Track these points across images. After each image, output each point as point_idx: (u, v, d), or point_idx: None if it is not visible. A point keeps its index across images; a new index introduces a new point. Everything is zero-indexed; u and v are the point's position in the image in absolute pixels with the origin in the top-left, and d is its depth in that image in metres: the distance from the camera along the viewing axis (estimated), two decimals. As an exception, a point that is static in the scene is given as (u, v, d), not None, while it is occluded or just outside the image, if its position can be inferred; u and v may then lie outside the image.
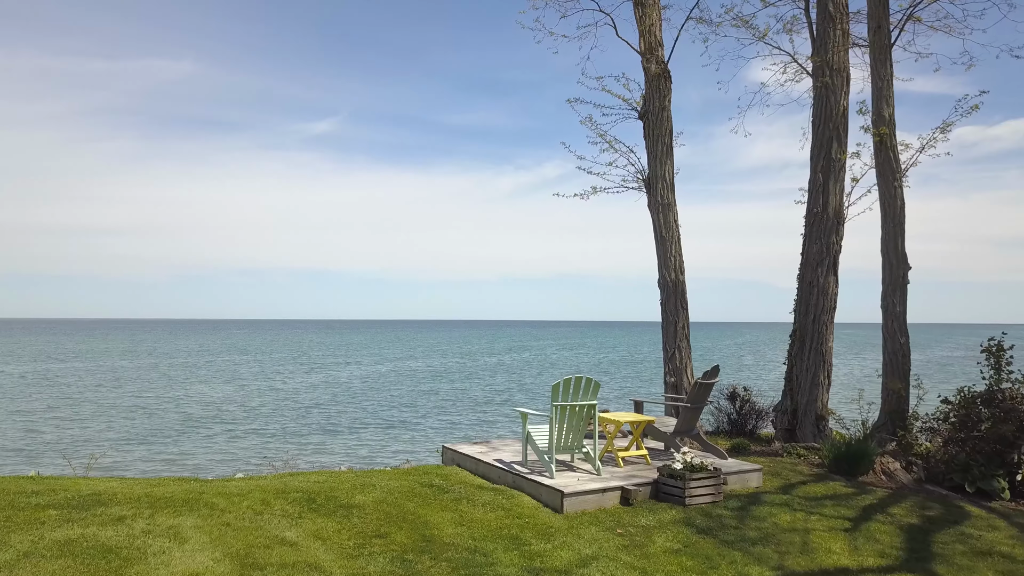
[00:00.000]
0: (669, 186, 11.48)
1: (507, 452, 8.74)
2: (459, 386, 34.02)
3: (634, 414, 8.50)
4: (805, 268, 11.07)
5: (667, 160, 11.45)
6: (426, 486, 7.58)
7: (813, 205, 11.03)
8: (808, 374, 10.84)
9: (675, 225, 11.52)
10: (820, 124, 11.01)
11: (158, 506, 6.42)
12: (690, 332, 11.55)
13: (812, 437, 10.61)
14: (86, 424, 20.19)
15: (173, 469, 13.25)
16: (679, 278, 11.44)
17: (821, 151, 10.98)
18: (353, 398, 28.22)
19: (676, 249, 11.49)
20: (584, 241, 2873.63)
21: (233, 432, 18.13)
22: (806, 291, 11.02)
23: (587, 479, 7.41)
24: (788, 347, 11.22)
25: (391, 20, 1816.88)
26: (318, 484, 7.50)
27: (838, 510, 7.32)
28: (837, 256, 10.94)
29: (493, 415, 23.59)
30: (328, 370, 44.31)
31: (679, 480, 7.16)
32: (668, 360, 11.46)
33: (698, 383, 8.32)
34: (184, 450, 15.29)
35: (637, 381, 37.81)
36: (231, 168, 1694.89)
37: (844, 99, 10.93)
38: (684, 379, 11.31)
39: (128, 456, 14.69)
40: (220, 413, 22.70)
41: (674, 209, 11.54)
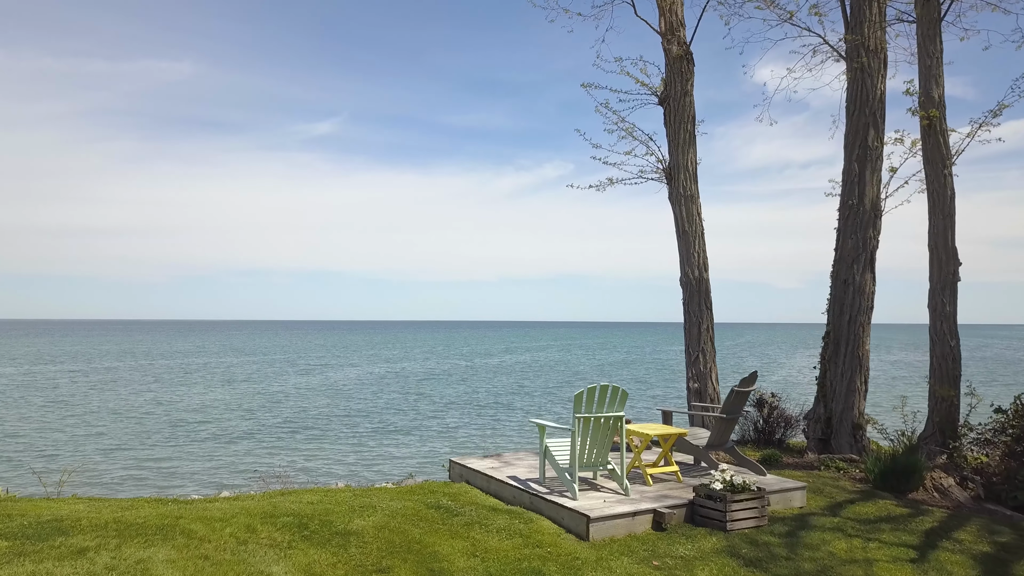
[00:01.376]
0: (692, 176, 10.67)
1: (521, 467, 7.91)
2: (459, 389, 33.19)
3: (663, 426, 7.68)
4: (839, 265, 10.26)
5: (689, 148, 10.64)
6: (433, 507, 6.75)
7: (848, 197, 10.21)
8: (843, 379, 10.02)
9: (698, 218, 10.71)
10: (855, 110, 10.19)
11: (127, 535, 5.59)
12: (715, 334, 10.73)
13: (849, 448, 9.80)
14: (68, 430, 19.35)
15: (153, 484, 12.31)
16: (703, 275, 10.63)
17: (856, 139, 10.16)
18: (350, 402, 27.39)
19: (700, 244, 10.67)
20: (584, 242, 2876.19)
21: (222, 440, 17.26)
22: (840, 289, 10.20)
23: (614, 500, 6.59)
24: (821, 350, 10.40)
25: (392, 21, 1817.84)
26: (311, 506, 6.67)
27: (898, 535, 6.49)
28: (874, 252, 10.13)
29: (496, 420, 22.77)
30: (325, 372, 43.48)
31: (719, 502, 6.33)
32: (691, 364, 10.64)
33: (734, 391, 7.50)
34: (168, 461, 14.39)
35: (638, 383, 36.99)
36: (231, 169, 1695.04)
37: (881, 82, 10.11)
38: (708, 385, 10.50)
39: (106, 467, 13.79)
40: (210, 418, 21.86)
41: (697, 201, 10.73)
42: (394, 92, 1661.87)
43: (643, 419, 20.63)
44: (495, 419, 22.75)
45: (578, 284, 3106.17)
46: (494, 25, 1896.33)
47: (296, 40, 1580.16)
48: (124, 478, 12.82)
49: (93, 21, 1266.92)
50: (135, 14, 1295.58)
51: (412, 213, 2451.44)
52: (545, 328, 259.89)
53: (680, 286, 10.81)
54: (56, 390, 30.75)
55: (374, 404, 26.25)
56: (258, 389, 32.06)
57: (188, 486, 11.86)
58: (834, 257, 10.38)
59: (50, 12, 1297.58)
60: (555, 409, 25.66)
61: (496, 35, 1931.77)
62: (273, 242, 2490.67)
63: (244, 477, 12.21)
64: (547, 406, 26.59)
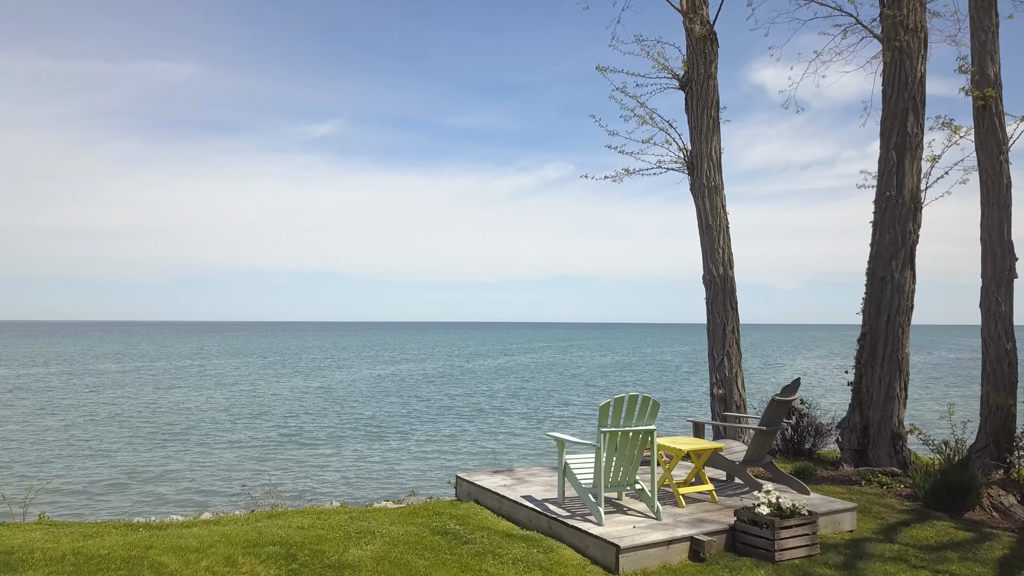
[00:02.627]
0: (716, 166, 9.90)
1: (537, 485, 7.12)
2: (458, 392, 32.39)
3: (695, 440, 6.90)
4: (876, 262, 9.49)
5: (713, 136, 9.87)
6: (439, 533, 5.97)
7: (885, 188, 9.44)
8: (881, 385, 9.25)
9: (723, 211, 9.94)
10: (893, 94, 9.43)
11: (86, 570, 4.82)
12: (740, 336, 9.96)
13: (888, 460, 9.02)
14: (49, 438, 18.53)
15: (129, 500, 11.35)
16: (728, 273, 9.85)
17: (895, 125, 9.40)
18: (346, 407, 26.59)
19: (724, 239, 9.90)
20: (584, 243, 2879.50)
21: (210, 448, 16.40)
22: (877, 288, 9.43)
23: (645, 526, 5.81)
24: (856, 353, 9.63)
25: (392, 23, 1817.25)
26: (302, 532, 5.88)
27: (969, 566, 5.71)
28: (914, 247, 9.37)
29: (497, 426, 21.98)
30: (322, 375, 42.66)
31: (766, 528, 5.55)
32: (715, 369, 9.86)
33: (775, 400, 6.72)
34: (149, 473, 13.49)
35: (639, 388, 36.20)
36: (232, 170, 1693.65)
37: (922, 64, 9.35)
38: (734, 391, 9.72)
39: (81, 480, 12.87)
40: (199, 424, 21.03)
41: (722, 193, 9.96)
42: (395, 93, 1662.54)
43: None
44: (496, 425, 21.96)
45: (578, 285, 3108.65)
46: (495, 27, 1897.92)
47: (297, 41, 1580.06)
48: (98, 493, 11.93)
49: (94, 23, 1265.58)
50: (137, 16, 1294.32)
51: (412, 214, 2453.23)
52: (545, 329, 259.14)
53: (703, 284, 10.04)
54: (45, 394, 29.93)
55: (371, 409, 25.45)
56: (251, 393, 31.25)
57: (167, 504, 11.02)
58: (870, 253, 9.62)
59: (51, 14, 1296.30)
60: (555, 412, 24.87)
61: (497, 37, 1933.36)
62: (273, 243, 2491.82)
63: (229, 494, 11.38)
64: (547, 409, 25.81)
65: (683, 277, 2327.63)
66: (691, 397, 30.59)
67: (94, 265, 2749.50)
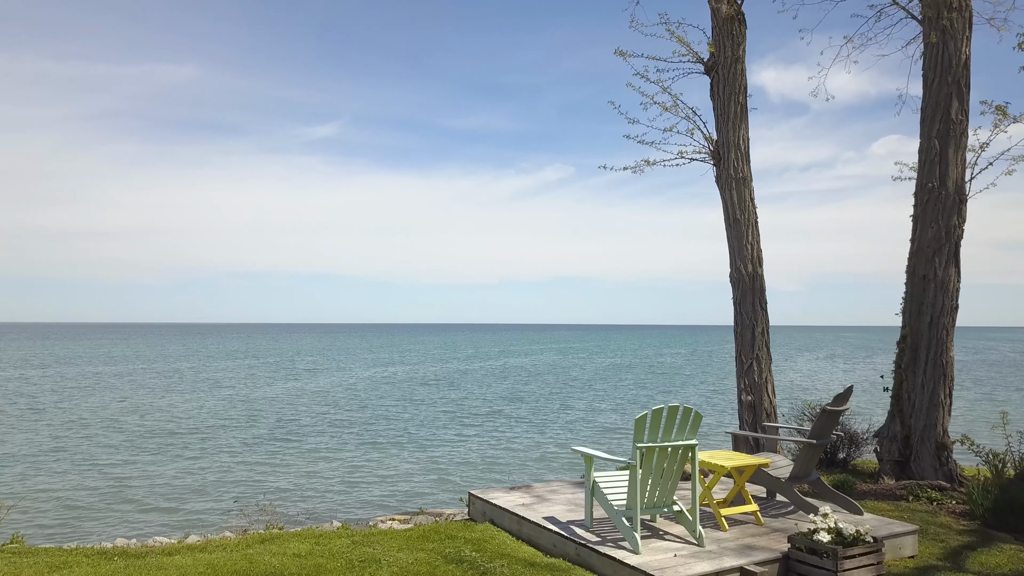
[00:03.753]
0: (743, 156, 9.23)
1: (559, 504, 6.44)
2: (458, 396, 31.70)
3: (736, 454, 6.22)
4: (917, 258, 8.83)
5: (741, 124, 9.21)
6: (453, 562, 5.29)
7: (927, 179, 8.78)
8: (924, 391, 8.58)
9: (751, 205, 9.27)
10: (935, 78, 8.77)
11: (46, 613, 4.14)
12: (770, 339, 9.28)
13: (933, 472, 8.35)
14: (33, 447, 17.82)
15: (108, 520, 10.52)
16: (757, 271, 9.18)
17: (937, 112, 8.74)
18: (344, 411, 25.89)
19: (753, 234, 9.23)
20: (584, 244, 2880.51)
21: (199, 457, 15.66)
22: (919, 287, 8.77)
23: (687, 554, 5.13)
24: (896, 357, 8.97)
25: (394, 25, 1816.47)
26: (298, 561, 5.20)
27: (1056, 600, 5.04)
28: (959, 242, 8.71)
29: (499, 430, 21.30)
30: (319, 377, 41.95)
31: (827, 558, 4.88)
32: (744, 374, 9.18)
33: (826, 410, 6.05)
34: (132, 486, 12.57)
35: (641, 390, 35.52)
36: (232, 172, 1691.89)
37: (966, 46, 8.70)
38: (764, 397, 9.04)
39: (57, 495, 12.05)
40: (190, 430, 20.29)
41: (750, 185, 9.29)
42: (396, 95, 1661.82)
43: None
44: (495, 430, 21.28)
45: (577, 287, 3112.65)
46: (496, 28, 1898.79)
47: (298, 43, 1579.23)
48: (78, 508, 11.05)
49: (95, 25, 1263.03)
50: (138, 18, 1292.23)
51: (412, 216, 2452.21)
52: (544, 331, 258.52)
53: (730, 283, 9.37)
54: (33, 398, 29.21)
55: (368, 414, 24.75)
56: (245, 397, 30.54)
57: (151, 523, 10.26)
58: (910, 249, 8.96)
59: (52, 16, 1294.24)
60: (555, 417, 24.18)
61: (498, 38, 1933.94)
62: (273, 245, 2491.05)
63: (219, 511, 10.64)
64: (547, 414, 25.12)
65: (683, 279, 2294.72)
66: (693, 400, 29.90)
67: (94, 267, 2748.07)
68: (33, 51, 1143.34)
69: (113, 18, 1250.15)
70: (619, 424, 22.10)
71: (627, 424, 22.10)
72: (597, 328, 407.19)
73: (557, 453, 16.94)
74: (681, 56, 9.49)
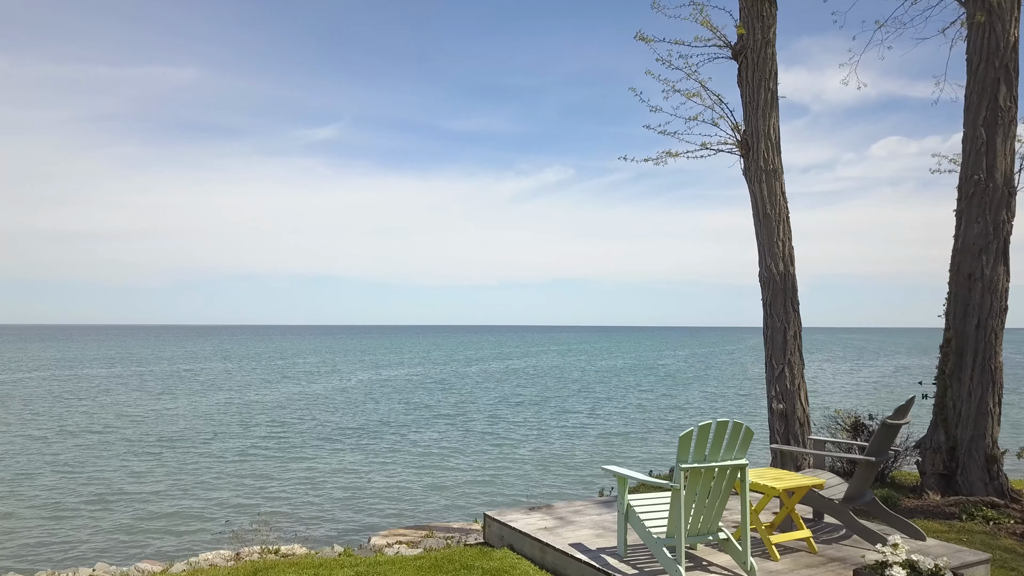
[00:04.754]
0: (774, 146, 8.61)
1: (585, 528, 5.80)
2: (456, 400, 31.06)
3: (786, 473, 5.59)
4: (962, 256, 8.21)
5: (771, 112, 8.59)
6: (471, 598, 4.65)
7: (972, 171, 8.16)
8: (972, 399, 7.96)
9: (782, 199, 8.65)
10: (981, 63, 8.16)
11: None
12: (802, 342, 8.66)
13: (983, 487, 7.73)
14: (6, 451, 17.16)
15: (87, 540, 9.78)
16: (789, 270, 8.56)
17: (983, 98, 8.13)
18: (340, 415, 25.24)
19: (784, 231, 8.60)
20: (584, 245, 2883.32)
21: (189, 468, 14.93)
22: (964, 287, 8.15)
23: (739, 590, 4.50)
24: (939, 362, 8.35)
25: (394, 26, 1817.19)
26: (295, 598, 4.57)
27: None
28: (1008, 238, 8.10)
29: (503, 436, 20.66)
30: (315, 380, 41.28)
31: (902, 597, 4.24)
32: (774, 380, 8.55)
33: (886, 424, 5.42)
34: (117, 500, 11.89)
35: (643, 392, 34.88)
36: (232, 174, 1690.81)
37: (1015, 28, 8.09)
38: (797, 406, 8.41)
39: (34, 509, 11.30)
40: (180, 436, 19.61)
41: (781, 177, 8.67)
42: (396, 97, 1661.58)
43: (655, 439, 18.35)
44: (494, 435, 20.64)
45: (577, 288, 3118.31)
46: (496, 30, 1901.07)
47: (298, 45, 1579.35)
48: (54, 526, 10.26)
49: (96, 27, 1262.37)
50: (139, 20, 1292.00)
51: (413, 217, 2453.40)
52: (544, 332, 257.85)
53: (759, 283, 8.75)
54: (20, 402, 28.52)
55: (364, 419, 24.09)
56: (239, 401, 29.87)
57: (135, 543, 9.55)
58: (953, 246, 8.35)
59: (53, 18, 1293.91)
60: (555, 422, 23.54)
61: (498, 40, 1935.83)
62: (273, 246, 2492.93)
63: (211, 531, 9.93)
64: (546, 418, 24.48)
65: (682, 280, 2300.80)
66: (696, 404, 29.29)
67: (95, 268, 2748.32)
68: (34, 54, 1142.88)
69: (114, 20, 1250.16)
70: (624, 430, 21.47)
71: (633, 430, 21.47)
72: (597, 330, 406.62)
73: (561, 460, 16.31)
74: (705, 41, 8.88)
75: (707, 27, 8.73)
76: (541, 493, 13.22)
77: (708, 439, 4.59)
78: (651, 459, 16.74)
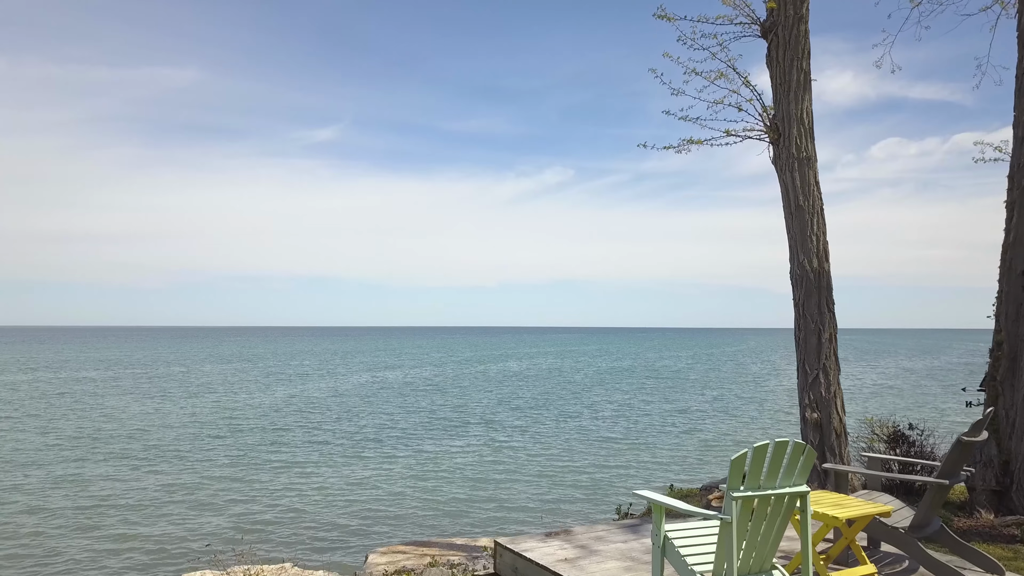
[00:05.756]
0: (807, 132, 7.91)
1: (612, 559, 5.10)
2: (455, 403, 30.35)
3: (843, 497, 4.88)
4: (1015, 251, 7.50)
5: (804, 94, 7.89)
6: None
7: (1023, 158, 7.47)
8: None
9: (816, 189, 7.95)
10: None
11: None
12: (838, 345, 7.95)
13: (1041, 505, 7.02)
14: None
15: (53, 562, 9.06)
16: (824, 266, 7.85)
17: (1036, 78, 7.44)
18: (333, 420, 24.53)
19: (819, 223, 7.90)
20: (584, 247, 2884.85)
21: (171, 478, 14.18)
22: (1017, 285, 7.44)
23: (802, 642, 3.79)
24: (989, 368, 7.65)
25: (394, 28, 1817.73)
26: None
27: None
28: (1066, 231, 7.39)
29: (502, 440, 19.97)
30: (310, 383, 40.57)
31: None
32: (808, 387, 7.84)
33: (961, 441, 4.71)
34: (88, 518, 11.03)
35: (645, 395, 34.16)
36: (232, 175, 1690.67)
37: (1071, 1, 7.40)
38: (833, 415, 7.71)
39: (3, 524, 10.58)
40: (164, 443, 18.89)
41: (815, 165, 7.97)
42: (396, 98, 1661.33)
43: (661, 444, 17.68)
44: (490, 441, 19.95)
45: (577, 290, 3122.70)
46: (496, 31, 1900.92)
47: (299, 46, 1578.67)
48: (10, 549, 9.55)
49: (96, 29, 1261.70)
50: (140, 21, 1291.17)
51: (412, 219, 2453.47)
52: (544, 334, 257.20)
53: (790, 281, 8.05)
54: (14, 405, 27.82)
55: (360, 424, 23.38)
56: (230, 405, 29.13)
57: (107, 570, 8.80)
58: (1004, 241, 7.64)
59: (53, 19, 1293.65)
60: (553, 426, 22.82)
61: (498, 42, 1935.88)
62: (273, 248, 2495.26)
63: (188, 555, 9.19)
64: (545, 423, 23.77)
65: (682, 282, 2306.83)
66: (700, 408, 28.59)
67: (95, 270, 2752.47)
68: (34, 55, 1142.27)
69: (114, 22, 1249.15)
70: (627, 434, 20.76)
71: (637, 434, 20.76)
72: (597, 331, 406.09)
73: (567, 467, 15.62)
74: (730, 19, 8.18)
75: (732, 3, 8.03)
76: (547, 501, 12.53)
77: (764, 462, 3.88)
78: (658, 464, 16.05)
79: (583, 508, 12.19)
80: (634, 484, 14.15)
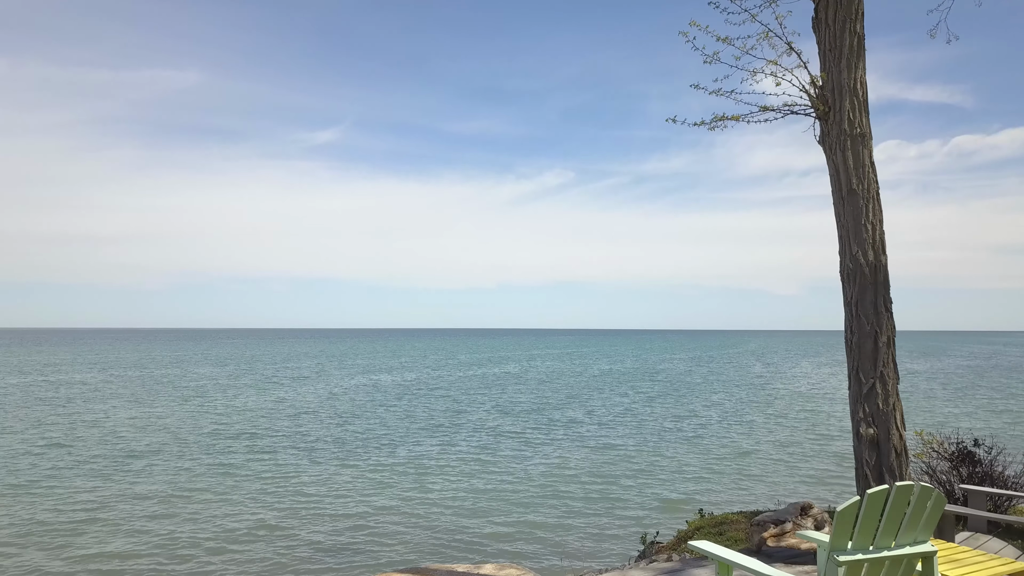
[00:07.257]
0: (862, 105, 6.89)
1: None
2: (457, 406, 29.33)
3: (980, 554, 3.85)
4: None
5: (858, 62, 6.87)
6: None
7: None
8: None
9: (871, 171, 6.93)
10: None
11: None
12: (895, 352, 6.92)
13: None
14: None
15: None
16: (880, 260, 6.83)
17: None
18: (325, 427, 23.51)
19: (875, 210, 6.87)
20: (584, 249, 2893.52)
21: (154, 488, 13.25)
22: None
23: None
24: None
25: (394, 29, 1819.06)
26: None
27: None
28: None
29: (489, 449, 18.96)
30: (306, 385, 39.54)
31: None
32: (862, 398, 6.81)
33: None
34: (62, 540, 10.03)
35: (644, 396, 33.12)
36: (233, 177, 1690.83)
37: None
38: (892, 430, 6.68)
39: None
40: (149, 451, 17.89)
41: (870, 144, 6.95)
42: (396, 100, 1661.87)
43: (668, 452, 16.63)
44: (485, 449, 18.93)
45: (578, 291, 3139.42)
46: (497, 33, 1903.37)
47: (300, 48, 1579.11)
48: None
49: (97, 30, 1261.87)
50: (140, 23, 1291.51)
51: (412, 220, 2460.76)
52: (544, 336, 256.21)
53: (840, 278, 7.02)
54: (4, 409, 26.79)
55: (354, 429, 22.37)
56: (224, 407, 28.11)
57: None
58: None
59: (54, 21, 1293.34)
60: (553, 428, 21.80)
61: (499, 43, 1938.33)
62: (274, 249, 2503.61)
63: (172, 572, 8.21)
64: (544, 426, 22.74)
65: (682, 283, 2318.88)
66: (701, 411, 27.56)
67: (96, 271, 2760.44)
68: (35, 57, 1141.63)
69: (115, 24, 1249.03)
70: (629, 438, 19.72)
71: (641, 439, 19.72)
72: (597, 333, 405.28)
73: (573, 478, 14.60)
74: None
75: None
76: (555, 515, 11.51)
77: (880, 514, 2.86)
78: (672, 475, 15.02)
79: (598, 529, 11.17)
80: (648, 498, 13.14)
